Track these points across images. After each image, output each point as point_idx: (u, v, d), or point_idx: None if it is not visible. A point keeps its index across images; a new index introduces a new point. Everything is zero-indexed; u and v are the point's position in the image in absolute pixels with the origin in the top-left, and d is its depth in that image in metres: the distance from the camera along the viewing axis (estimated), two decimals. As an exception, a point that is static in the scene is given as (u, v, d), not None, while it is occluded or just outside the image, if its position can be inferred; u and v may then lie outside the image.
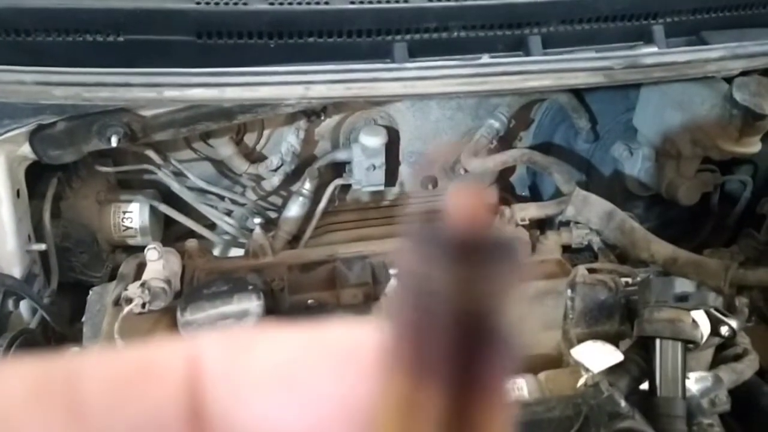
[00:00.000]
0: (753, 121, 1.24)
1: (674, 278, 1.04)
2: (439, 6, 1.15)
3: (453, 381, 0.12)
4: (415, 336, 0.12)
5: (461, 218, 0.12)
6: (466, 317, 0.12)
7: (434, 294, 0.12)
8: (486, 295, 0.12)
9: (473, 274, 0.12)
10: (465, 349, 0.12)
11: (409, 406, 0.13)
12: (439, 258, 0.12)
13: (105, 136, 1.16)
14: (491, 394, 0.13)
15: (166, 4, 1.04)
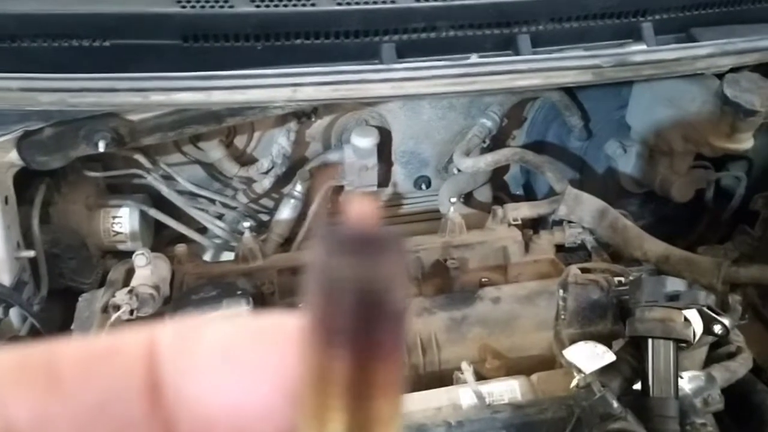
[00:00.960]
0: (744, 117, 1.24)
1: (665, 277, 1.03)
2: (426, 6, 1.15)
3: (356, 349, 0.15)
4: (323, 315, 0.16)
5: (357, 219, 0.16)
6: (363, 296, 0.15)
7: (338, 279, 0.15)
8: (379, 277, 0.15)
9: (368, 261, 0.15)
10: (364, 322, 0.15)
11: (322, 373, 0.16)
12: (341, 250, 0.15)
13: (92, 141, 1.15)
14: (388, 358, 0.16)
15: (152, 8, 1.04)
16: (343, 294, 0.15)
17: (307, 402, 0.16)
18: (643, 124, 1.45)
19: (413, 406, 1.04)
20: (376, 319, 0.15)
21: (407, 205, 1.69)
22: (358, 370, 0.16)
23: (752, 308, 1.39)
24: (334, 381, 0.16)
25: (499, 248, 1.38)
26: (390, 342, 0.16)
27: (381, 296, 0.15)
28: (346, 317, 0.15)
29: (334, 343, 0.16)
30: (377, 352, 0.16)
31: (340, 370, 0.16)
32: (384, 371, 0.16)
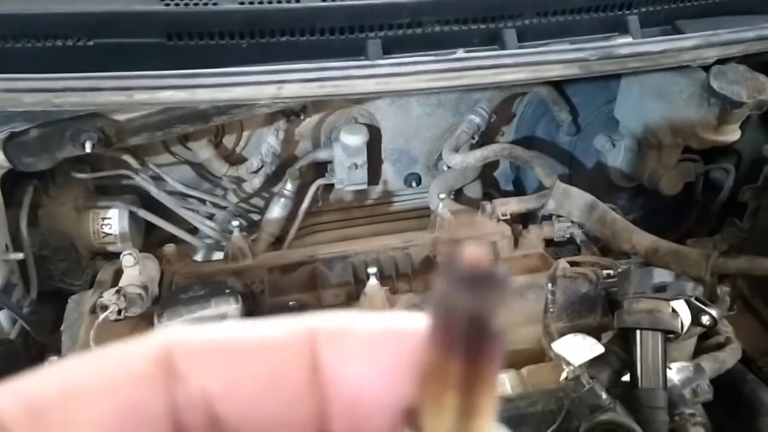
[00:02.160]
0: (731, 109, 1.24)
1: (652, 269, 1.03)
2: (412, 1, 1.15)
3: (467, 355, 0.20)
4: (444, 329, 0.21)
5: (472, 259, 0.20)
6: (474, 318, 0.20)
7: (455, 305, 0.20)
8: (485, 305, 0.20)
9: (478, 293, 0.20)
10: (474, 336, 0.20)
11: (440, 370, 0.21)
12: (460, 284, 0.20)
13: (79, 141, 1.15)
14: (488, 363, 0.20)
15: (135, 7, 1.03)
16: (459, 316, 0.20)
17: (428, 392, 0.21)
18: (632, 118, 1.45)
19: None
20: (482, 334, 0.20)
21: (398, 202, 1.69)
22: (467, 369, 0.20)
23: (742, 299, 1.39)
24: (449, 377, 0.21)
25: (489, 243, 1.38)
26: (490, 352, 0.21)
27: (486, 319, 0.20)
28: (461, 332, 0.20)
29: (451, 349, 0.21)
30: (481, 358, 0.21)
31: (454, 369, 0.20)
32: (485, 373, 0.21)
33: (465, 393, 0.21)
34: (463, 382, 0.21)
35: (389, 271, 1.33)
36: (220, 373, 0.21)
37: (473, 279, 0.21)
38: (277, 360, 0.22)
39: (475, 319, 0.20)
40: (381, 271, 1.27)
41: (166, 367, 0.21)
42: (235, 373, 0.21)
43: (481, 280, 0.21)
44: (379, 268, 1.22)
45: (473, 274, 0.21)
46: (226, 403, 0.21)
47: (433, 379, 0.21)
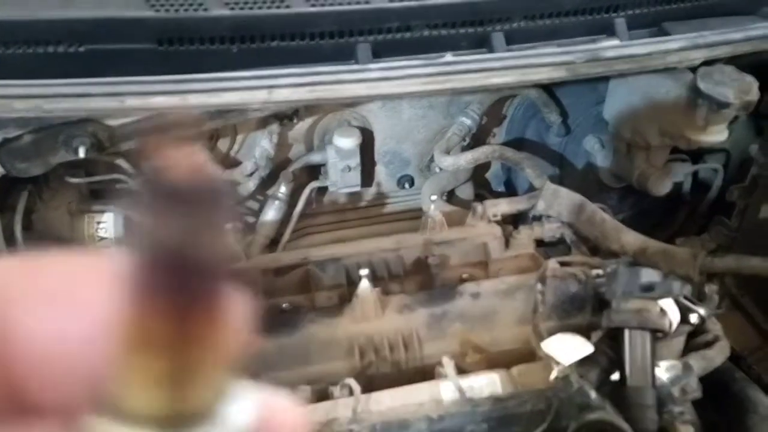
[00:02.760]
0: (718, 110, 1.25)
1: (640, 268, 1.05)
2: (401, 6, 1.16)
3: (172, 304, 0.16)
4: (140, 271, 0.16)
5: (176, 170, 0.15)
6: (176, 255, 0.15)
7: (151, 237, 0.15)
8: (192, 235, 0.15)
9: (182, 218, 0.15)
10: (177, 280, 0.15)
11: (141, 323, 0.16)
12: (156, 206, 0.15)
13: (72, 147, 1.16)
14: (205, 312, 0.16)
15: (125, 13, 1.04)
16: (157, 253, 0.16)
17: (131, 355, 0.17)
18: (621, 119, 1.46)
19: (395, 401, 1.05)
20: (190, 276, 0.16)
21: (391, 204, 1.70)
22: (174, 323, 0.16)
23: (730, 297, 1.41)
24: (155, 334, 0.16)
25: (480, 244, 1.39)
26: (210, 297, 0.16)
27: (193, 254, 0.16)
28: (160, 276, 0.16)
29: (151, 296, 0.16)
30: (193, 307, 0.16)
31: (157, 322, 0.16)
32: (202, 325, 0.16)
33: (178, 354, 0.16)
34: (175, 340, 0.16)
35: (381, 273, 1.34)
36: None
37: (178, 197, 0.16)
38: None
39: (183, 254, 0.16)
40: (373, 273, 1.28)
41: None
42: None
43: (188, 196, 0.16)
44: (371, 270, 1.23)
45: (177, 189, 0.16)
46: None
47: (136, 339, 0.16)
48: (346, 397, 1.03)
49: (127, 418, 0.16)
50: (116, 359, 0.17)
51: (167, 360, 0.16)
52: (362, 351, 1.15)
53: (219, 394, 0.18)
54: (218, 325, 0.17)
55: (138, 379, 0.16)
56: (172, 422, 0.17)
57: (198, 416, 0.17)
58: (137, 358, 0.16)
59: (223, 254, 0.16)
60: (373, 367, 1.15)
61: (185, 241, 0.15)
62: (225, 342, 0.17)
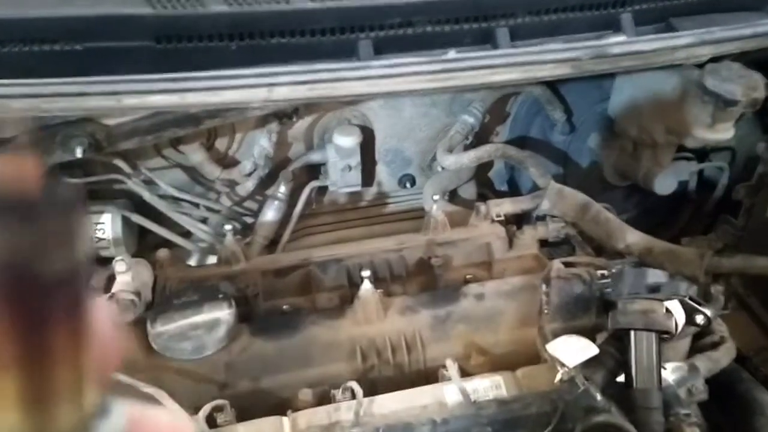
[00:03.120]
0: (725, 107, 1.23)
1: (646, 269, 1.03)
2: (403, 1, 1.14)
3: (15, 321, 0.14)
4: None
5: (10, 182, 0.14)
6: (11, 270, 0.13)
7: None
8: (41, 249, 0.14)
9: (14, 231, 0.14)
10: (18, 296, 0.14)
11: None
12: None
13: (69, 147, 1.14)
14: (57, 325, 0.15)
15: (123, 10, 1.03)
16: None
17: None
18: (626, 117, 1.45)
19: (399, 404, 1.03)
20: (38, 290, 0.14)
21: (392, 203, 1.68)
22: (25, 347, 0.15)
23: (737, 298, 1.39)
24: (2, 354, 0.15)
25: (483, 245, 1.37)
26: (60, 311, 0.15)
27: (40, 266, 0.14)
28: (4, 293, 0.14)
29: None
30: (45, 326, 0.15)
31: (5, 349, 0.15)
32: (57, 340, 0.15)
33: (29, 373, 0.15)
34: (25, 359, 0.15)
35: (383, 274, 1.32)
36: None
37: (14, 207, 0.15)
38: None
39: (24, 267, 0.14)
40: (375, 274, 1.26)
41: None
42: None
43: (28, 207, 0.15)
44: (373, 271, 1.21)
45: (14, 199, 0.15)
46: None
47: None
48: (349, 400, 1.02)
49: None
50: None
51: (20, 380, 0.15)
52: (364, 353, 1.13)
53: (86, 411, 0.16)
54: (77, 342, 0.15)
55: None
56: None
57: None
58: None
59: (74, 267, 0.15)
60: (376, 369, 1.13)
61: (28, 252, 0.14)
62: (86, 358, 0.16)
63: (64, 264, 0.15)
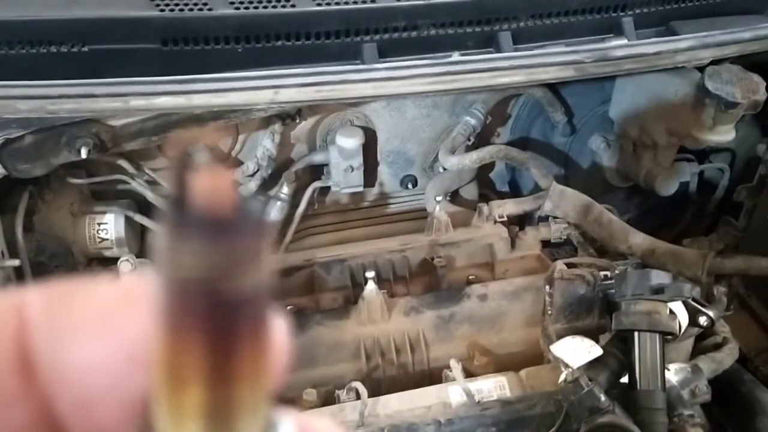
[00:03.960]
0: (725, 110, 1.24)
1: (650, 270, 1.04)
2: (407, 5, 1.14)
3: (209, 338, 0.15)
4: (174, 306, 0.15)
5: (208, 196, 0.14)
6: (212, 287, 0.14)
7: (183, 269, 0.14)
8: (228, 265, 0.14)
9: (216, 248, 0.14)
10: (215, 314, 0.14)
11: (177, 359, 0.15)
12: (188, 235, 0.14)
13: (74, 147, 1.15)
14: (245, 344, 0.15)
15: (130, 12, 1.03)
16: (190, 286, 0.14)
17: (165, 387, 0.16)
18: (627, 118, 1.46)
19: (403, 405, 1.04)
20: (228, 309, 0.15)
21: (394, 204, 1.69)
22: (214, 362, 0.15)
23: (738, 298, 1.40)
24: (189, 368, 0.15)
25: (486, 245, 1.38)
26: (248, 328, 0.15)
27: (233, 283, 0.14)
28: (200, 305, 0.14)
29: (186, 333, 0.15)
30: (234, 342, 0.15)
31: (195, 362, 0.15)
32: (242, 357, 0.15)
33: (213, 388, 0.15)
34: (210, 374, 0.15)
35: (386, 275, 1.33)
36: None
37: (208, 225, 0.14)
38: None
39: (215, 288, 0.14)
40: (378, 275, 1.27)
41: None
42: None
43: (221, 224, 0.14)
44: (376, 272, 1.22)
45: (210, 216, 0.14)
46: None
47: (169, 371, 0.15)
48: (353, 400, 1.03)
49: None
50: (154, 395, 0.16)
51: (205, 396, 0.15)
52: (368, 354, 1.14)
53: (262, 427, 0.17)
54: (259, 359, 0.16)
55: (176, 415, 0.16)
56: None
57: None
58: (174, 395, 0.16)
59: (262, 285, 0.15)
60: (380, 370, 1.14)
61: (222, 271, 0.14)
62: (267, 375, 0.16)
63: (252, 283, 0.15)
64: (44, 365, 0.17)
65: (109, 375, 0.17)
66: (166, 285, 0.15)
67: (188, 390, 0.15)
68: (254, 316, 0.15)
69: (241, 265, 0.14)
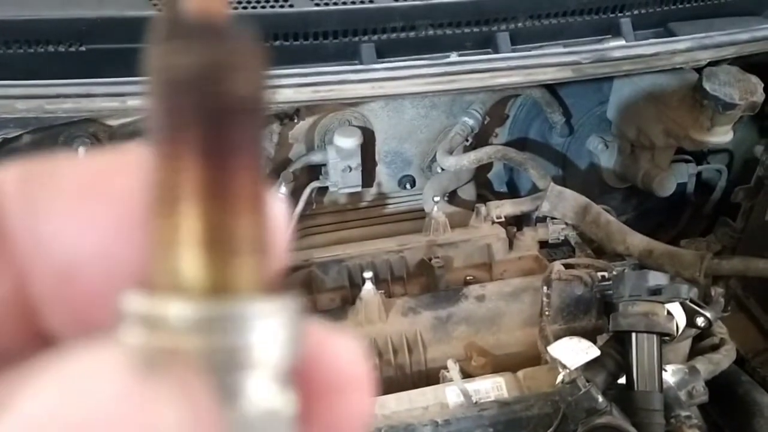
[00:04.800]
0: (723, 111, 1.24)
1: (647, 271, 1.04)
2: (405, 5, 1.14)
3: (205, 150, 0.14)
4: (165, 114, 0.14)
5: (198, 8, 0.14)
6: (205, 84, 0.13)
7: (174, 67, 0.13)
8: (222, 63, 0.14)
9: (209, 46, 0.14)
10: (209, 116, 0.14)
11: (170, 185, 0.14)
12: (179, 35, 0.14)
13: (72, 147, 1.15)
14: (244, 159, 0.14)
15: (127, 12, 1.03)
16: (183, 84, 0.14)
17: (155, 219, 0.15)
18: (625, 119, 1.46)
19: (400, 405, 1.04)
20: (224, 111, 0.14)
21: (392, 204, 1.69)
22: (210, 175, 0.14)
23: (735, 300, 1.40)
24: (184, 193, 0.14)
25: (483, 246, 1.38)
26: (244, 140, 0.14)
27: (227, 84, 0.14)
28: (189, 111, 0.14)
29: (179, 146, 0.14)
30: (230, 154, 0.14)
31: (189, 179, 0.14)
32: (241, 175, 0.14)
33: (211, 210, 0.14)
34: (206, 192, 0.14)
35: (384, 275, 1.33)
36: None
37: (200, 29, 0.14)
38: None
39: (209, 88, 0.14)
40: (376, 275, 1.27)
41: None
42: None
43: (213, 29, 0.14)
44: (373, 272, 1.22)
45: (203, 21, 0.14)
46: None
47: (164, 192, 0.15)
48: (351, 401, 1.02)
49: (164, 292, 0.15)
50: (149, 228, 0.15)
51: (204, 214, 0.14)
52: (366, 354, 1.14)
53: (269, 274, 0.15)
54: (256, 185, 0.15)
55: (172, 243, 0.14)
56: (216, 293, 0.15)
57: (247, 292, 0.15)
58: (169, 218, 0.14)
59: (255, 96, 0.14)
60: (377, 370, 1.14)
61: (214, 72, 0.14)
62: (267, 205, 0.15)
63: (245, 90, 0.14)
64: (20, 237, 0.16)
65: (94, 245, 0.16)
66: (158, 92, 0.14)
67: (184, 212, 0.14)
68: (250, 129, 0.14)
69: (234, 69, 0.14)
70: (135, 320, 0.15)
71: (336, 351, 0.18)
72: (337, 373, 0.18)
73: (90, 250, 0.16)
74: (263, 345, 0.15)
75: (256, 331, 0.15)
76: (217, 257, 0.14)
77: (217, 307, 0.14)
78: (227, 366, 0.15)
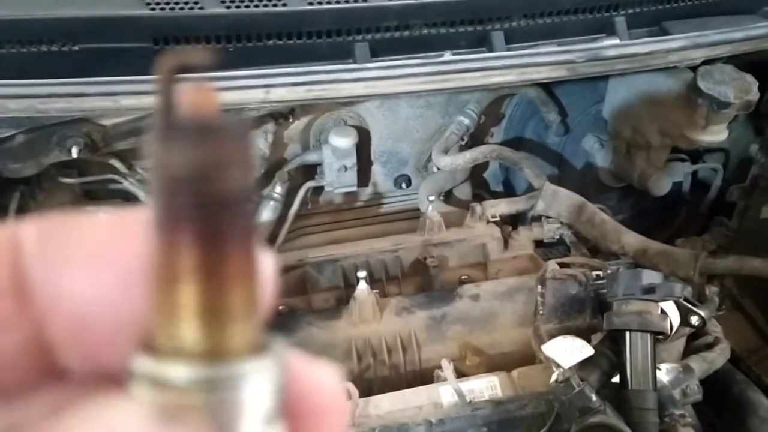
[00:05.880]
0: (718, 110, 1.24)
1: (641, 270, 1.04)
2: (399, 4, 1.14)
3: (200, 237, 0.16)
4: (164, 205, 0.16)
5: (194, 108, 0.15)
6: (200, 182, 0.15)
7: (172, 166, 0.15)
8: (216, 162, 0.15)
9: (204, 146, 0.15)
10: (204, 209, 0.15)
11: (170, 264, 0.16)
12: (176, 137, 0.15)
13: (65, 147, 1.14)
14: (236, 244, 0.16)
15: (120, 11, 1.03)
16: (180, 182, 0.15)
17: (158, 294, 0.17)
18: (620, 119, 1.46)
19: (394, 405, 1.04)
20: (217, 205, 0.16)
21: (388, 204, 1.69)
22: (204, 258, 0.16)
23: (731, 299, 1.40)
24: (182, 274, 0.16)
25: (478, 245, 1.38)
26: (236, 228, 0.16)
27: (220, 182, 0.15)
28: (185, 206, 0.15)
29: (177, 232, 0.16)
30: (222, 241, 0.16)
31: (186, 260, 0.16)
32: (232, 258, 0.16)
33: (206, 288, 0.16)
34: (202, 274, 0.16)
35: (379, 275, 1.33)
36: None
37: (195, 129, 0.15)
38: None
39: (204, 184, 0.15)
40: (371, 275, 1.27)
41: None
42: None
43: (208, 129, 0.16)
44: (368, 272, 1.22)
45: (195, 123, 0.15)
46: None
47: (163, 272, 0.17)
48: (345, 400, 1.02)
49: (168, 356, 0.17)
50: (151, 299, 0.17)
51: (200, 292, 0.16)
52: (360, 354, 1.14)
53: (258, 335, 0.18)
54: (249, 262, 0.17)
55: (170, 316, 0.17)
56: (212, 357, 0.17)
57: (239, 354, 0.17)
58: (168, 295, 0.17)
59: (248, 189, 0.16)
60: (372, 370, 1.13)
61: (209, 170, 0.15)
62: (257, 278, 0.17)
63: (239, 185, 0.16)
64: (38, 291, 0.18)
65: (104, 302, 0.18)
66: (157, 187, 0.16)
67: (181, 289, 0.16)
68: (241, 218, 0.16)
69: (227, 166, 0.16)
70: (144, 380, 0.17)
71: (316, 379, 0.21)
72: (317, 399, 0.20)
73: (99, 304, 0.18)
74: (254, 397, 0.17)
75: (247, 388, 0.17)
76: (212, 327, 0.17)
77: (213, 369, 0.17)
78: (226, 416, 0.17)
